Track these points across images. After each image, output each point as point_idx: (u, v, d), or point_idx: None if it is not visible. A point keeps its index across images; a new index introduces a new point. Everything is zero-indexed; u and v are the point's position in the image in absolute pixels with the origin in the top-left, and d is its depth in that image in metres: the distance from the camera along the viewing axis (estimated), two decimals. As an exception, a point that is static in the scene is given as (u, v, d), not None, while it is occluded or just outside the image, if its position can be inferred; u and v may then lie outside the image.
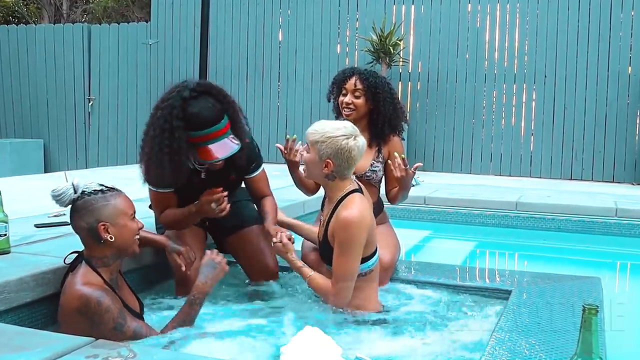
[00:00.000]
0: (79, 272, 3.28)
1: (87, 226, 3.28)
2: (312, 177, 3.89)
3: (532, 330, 3.42)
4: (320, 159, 3.70)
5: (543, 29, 12.12)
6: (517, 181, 11.19)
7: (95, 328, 3.12)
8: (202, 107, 3.77)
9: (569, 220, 7.31)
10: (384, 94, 4.58)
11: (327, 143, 3.66)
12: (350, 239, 3.63)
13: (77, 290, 3.19)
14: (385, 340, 3.53)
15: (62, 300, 3.26)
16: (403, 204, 4.88)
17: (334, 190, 3.81)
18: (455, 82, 12.68)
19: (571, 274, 4.77)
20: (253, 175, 4.37)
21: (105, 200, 3.32)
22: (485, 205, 7.73)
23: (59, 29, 15.71)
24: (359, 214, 3.65)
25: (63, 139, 15.54)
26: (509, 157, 12.42)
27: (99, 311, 3.14)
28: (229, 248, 4.52)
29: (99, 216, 3.27)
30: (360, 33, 13.05)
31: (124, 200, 3.40)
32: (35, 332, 2.93)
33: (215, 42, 13.84)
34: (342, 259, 3.67)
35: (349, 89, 4.61)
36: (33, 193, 7.26)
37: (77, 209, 3.31)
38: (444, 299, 4.23)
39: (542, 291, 4.26)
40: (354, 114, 4.60)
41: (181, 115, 3.74)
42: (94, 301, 3.14)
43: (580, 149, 11.96)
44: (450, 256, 6.39)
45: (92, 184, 3.36)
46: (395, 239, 4.75)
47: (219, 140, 3.82)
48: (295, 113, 13.54)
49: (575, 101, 11.97)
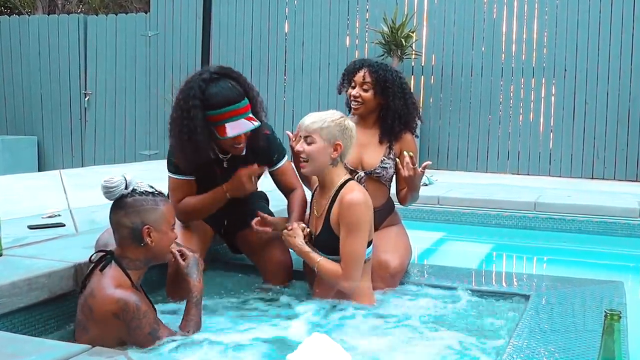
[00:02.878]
0: (108, 274, 3.34)
1: (131, 225, 3.36)
2: (316, 168, 4.00)
3: (551, 337, 3.43)
4: (329, 143, 3.90)
5: (563, 20, 12.08)
6: (535, 180, 11.15)
7: (131, 333, 3.25)
8: (221, 87, 4.01)
9: (590, 221, 7.29)
10: (394, 88, 4.56)
11: (332, 126, 3.91)
12: (359, 218, 3.83)
13: (112, 293, 3.25)
14: (398, 347, 3.53)
15: (93, 303, 3.29)
16: (415, 205, 4.88)
17: (334, 176, 3.98)
18: (471, 76, 12.66)
19: (592, 278, 4.77)
20: (277, 166, 4.48)
21: (155, 204, 3.42)
22: (502, 205, 7.71)
23: (53, 20, 15.70)
24: (363, 196, 3.88)
25: (58, 135, 15.55)
26: (527, 154, 12.39)
27: (137, 316, 3.23)
28: (244, 244, 4.65)
29: (146, 219, 3.37)
30: (370, 24, 13.03)
31: (170, 209, 3.54)
32: (29, 339, 2.94)
33: (217, 34, 13.81)
34: (350, 239, 3.84)
35: (358, 81, 4.60)
36: (26, 192, 7.27)
37: (124, 205, 3.38)
38: (459, 303, 4.23)
39: (562, 296, 4.26)
40: (362, 108, 4.60)
41: (199, 95, 3.96)
42: (133, 306, 3.22)
43: (602, 146, 11.93)
44: (466, 259, 6.39)
45: (143, 184, 3.47)
46: (407, 241, 4.73)
47: (237, 119, 4.02)
48: (302, 108, 13.45)
49: (597, 96, 11.94)
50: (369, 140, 4.61)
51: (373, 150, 4.59)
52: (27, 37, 15.62)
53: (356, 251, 3.84)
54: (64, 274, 3.64)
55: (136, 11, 16.87)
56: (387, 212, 4.71)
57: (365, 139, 4.58)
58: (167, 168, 4.30)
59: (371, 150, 4.59)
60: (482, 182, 9.99)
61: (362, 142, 4.52)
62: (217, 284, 4.45)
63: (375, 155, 4.54)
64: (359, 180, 4.46)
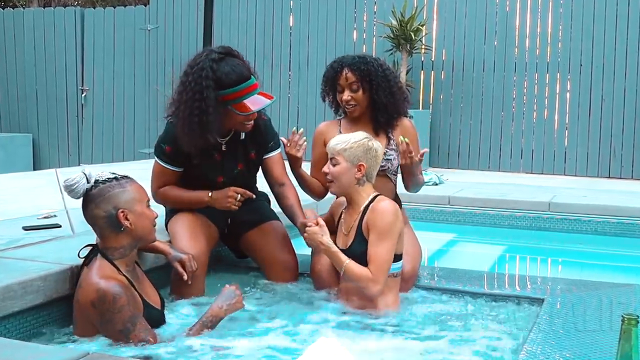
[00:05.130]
0: (94, 265, 3.41)
1: (105, 214, 3.41)
2: (342, 188, 4.15)
3: (566, 342, 3.42)
4: (352, 164, 4.07)
5: (579, 13, 12.06)
6: (550, 179, 11.16)
7: (103, 324, 3.29)
8: (233, 66, 4.18)
9: (606, 222, 7.29)
10: (377, 79, 4.57)
11: (355, 147, 4.07)
12: (390, 224, 3.95)
13: (94, 283, 3.31)
14: (406, 353, 3.53)
15: (79, 294, 3.37)
16: (425, 205, 4.89)
17: (362, 194, 4.13)
18: (483, 72, 12.64)
19: (609, 281, 4.76)
20: (271, 154, 4.62)
21: (121, 187, 3.47)
22: (515, 205, 7.71)
23: (49, 13, 15.71)
24: (394, 206, 4.06)
25: (54, 133, 15.57)
26: (541, 153, 12.38)
27: (111, 308, 3.26)
28: (248, 245, 4.73)
29: (118, 203, 3.42)
30: (378, 17, 13.02)
31: (138, 187, 3.57)
32: (23, 344, 2.95)
33: (219, 28, 13.77)
34: (380, 244, 3.93)
35: (343, 84, 4.62)
36: (21, 192, 7.28)
37: (92, 198, 3.43)
38: (470, 308, 4.23)
39: (578, 300, 4.25)
40: (358, 110, 4.65)
41: (211, 76, 4.11)
42: (110, 297, 3.26)
43: (619, 144, 11.91)
44: (477, 261, 6.38)
45: (104, 173, 3.51)
46: (417, 244, 4.73)
47: (253, 94, 4.22)
48: (307, 105, 13.55)
49: (614, 92, 11.91)
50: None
51: None
52: (21, 30, 15.64)
53: (384, 256, 3.92)
54: (60, 277, 3.63)
55: (135, 4, 16.93)
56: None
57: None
58: (155, 153, 4.43)
59: None
60: (494, 182, 9.98)
61: None
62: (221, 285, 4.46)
63: (377, 149, 4.55)
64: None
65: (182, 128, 4.18)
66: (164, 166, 4.40)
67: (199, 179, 4.46)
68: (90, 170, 3.47)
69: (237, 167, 4.52)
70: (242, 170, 4.54)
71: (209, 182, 4.45)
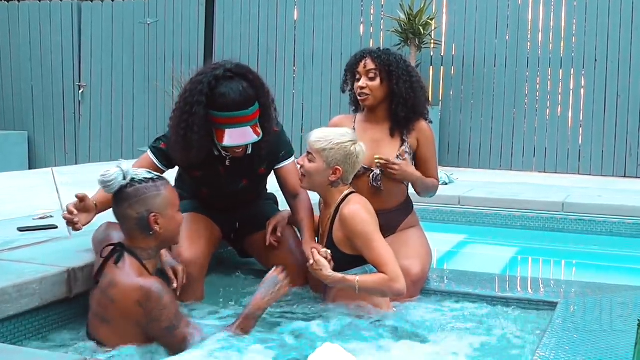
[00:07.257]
0: (126, 265, 3.44)
1: (137, 216, 3.45)
2: (312, 185, 4.12)
3: (580, 348, 3.42)
4: (328, 166, 3.98)
5: (593, 6, 12.04)
6: (563, 179, 11.15)
7: (149, 323, 3.34)
8: (231, 89, 4.03)
9: (622, 222, 7.28)
10: (398, 71, 4.54)
11: (336, 150, 3.96)
12: (363, 225, 3.90)
13: (136, 281, 3.36)
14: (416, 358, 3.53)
15: (115, 293, 3.38)
16: (435, 205, 4.90)
17: (335, 195, 4.08)
18: (494, 67, 12.64)
19: (625, 284, 4.76)
20: (283, 164, 4.54)
21: (156, 190, 3.51)
22: (527, 206, 7.70)
23: (45, 6, 15.67)
24: (359, 204, 3.97)
25: (50, 130, 15.56)
26: (554, 151, 12.36)
27: (158, 306, 3.32)
28: (253, 247, 4.73)
29: (151, 206, 3.47)
30: (386, 11, 13.02)
31: (172, 191, 3.63)
32: (19, 349, 2.96)
33: (221, 21, 13.78)
34: (371, 247, 3.89)
35: (362, 71, 4.59)
36: (16, 192, 7.29)
37: (126, 197, 3.47)
38: (481, 312, 4.23)
39: (592, 303, 4.26)
40: (371, 99, 4.59)
41: (206, 92, 4.01)
42: (156, 295, 3.32)
43: (635, 142, 11.88)
44: (488, 263, 6.38)
45: (141, 171, 3.56)
46: (426, 245, 4.73)
47: (239, 126, 4.08)
48: (312, 102, 13.52)
49: (630, 88, 11.89)
50: (381, 135, 4.62)
51: (386, 146, 4.58)
52: (16, 24, 15.64)
53: (382, 251, 3.88)
54: (56, 280, 3.65)
55: (134, -3, 16.89)
56: (404, 212, 4.71)
57: (377, 135, 4.61)
58: (151, 144, 4.39)
59: (384, 145, 4.58)
60: (505, 181, 9.99)
61: (375, 138, 4.56)
62: (224, 287, 4.48)
63: (389, 151, 4.52)
64: (374, 178, 4.49)
65: (170, 137, 4.20)
66: (149, 156, 4.34)
67: (205, 188, 4.49)
68: (127, 166, 3.50)
69: (242, 182, 4.49)
70: (246, 185, 4.52)
71: (214, 192, 4.49)
